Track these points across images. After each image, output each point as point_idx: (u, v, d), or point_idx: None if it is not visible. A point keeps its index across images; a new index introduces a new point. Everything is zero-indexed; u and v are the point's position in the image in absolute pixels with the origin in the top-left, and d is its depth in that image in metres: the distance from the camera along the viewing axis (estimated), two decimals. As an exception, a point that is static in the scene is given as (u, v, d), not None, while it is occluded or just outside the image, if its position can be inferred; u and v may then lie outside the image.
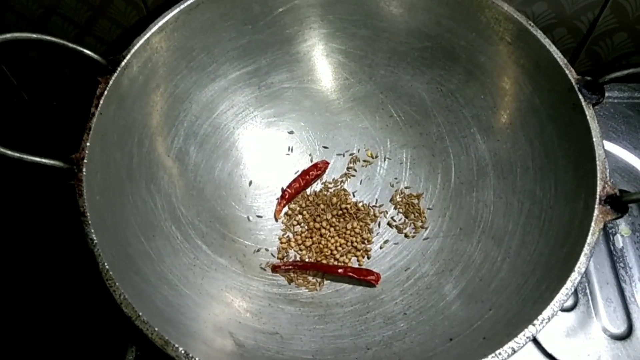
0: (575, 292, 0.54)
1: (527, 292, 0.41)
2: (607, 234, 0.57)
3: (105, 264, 0.40)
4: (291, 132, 0.62)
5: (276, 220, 0.58)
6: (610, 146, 0.62)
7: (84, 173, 0.43)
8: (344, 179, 0.60)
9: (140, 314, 0.38)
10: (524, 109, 0.50)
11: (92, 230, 0.41)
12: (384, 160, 0.61)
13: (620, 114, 0.65)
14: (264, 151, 0.61)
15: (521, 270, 0.44)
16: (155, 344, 0.37)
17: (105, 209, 0.44)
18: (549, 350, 0.50)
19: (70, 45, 0.47)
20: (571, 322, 0.52)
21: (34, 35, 0.46)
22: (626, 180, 0.60)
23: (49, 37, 0.46)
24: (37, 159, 0.43)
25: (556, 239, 0.43)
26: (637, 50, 0.66)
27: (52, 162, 0.43)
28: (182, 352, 0.37)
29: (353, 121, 0.62)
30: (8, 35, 0.44)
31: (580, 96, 0.44)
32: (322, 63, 0.61)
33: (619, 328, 0.52)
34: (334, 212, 0.58)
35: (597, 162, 0.42)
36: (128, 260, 0.43)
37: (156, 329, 0.37)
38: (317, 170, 0.60)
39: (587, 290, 0.54)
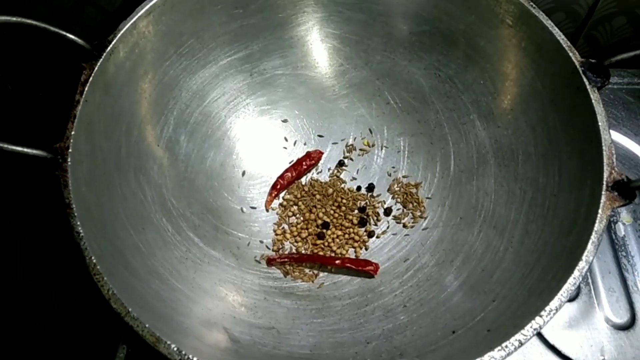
0: (577, 282, 0.53)
1: (532, 283, 0.40)
2: (609, 223, 0.56)
3: (93, 257, 0.38)
4: (285, 121, 0.60)
5: (267, 210, 0.56)
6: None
7: (69, 163, 0.41)
8: (340, 168, 0.59)
9: (130, 309, 0.36)
10: (526, 93, 0.49)
11: (79, 223, 0.39)
12: (381, 148, 0.59)
13: (620, 100, 0.64)
14: (257, 140, 0.59)
15: (525, 260, 0.43)
16: (147, 341, 0.36)
17: (92, 200, 0.43)
18: (551, 341, 0.50)
19: (52, 28, 0.45)
20: (573, 312, 0.51)
21: (14, 19, 0.43)
22: (627, 168, 0.60)
23: (29, 20, 0.44)
24: (19, 149, 0.41)
25: (561, 228, 0.42)
26: (636, 35, 0.65)
27: (35, 151, 0.41)
28: (175, 349, 0.35)
29: (349, 109, 0.60)
30: None
31: (585, 79, 0.43)
32: (317, 48, 0.59)
33: (622, 318, 0.51)
34: (330, 203, 0.56)
35: (604, 147, 0.40)
36: (116, 254, 0.42)
37: (147, 325, 0.36)
38: (310, 160, 0.58)
39: (589, 280, 0.53)
